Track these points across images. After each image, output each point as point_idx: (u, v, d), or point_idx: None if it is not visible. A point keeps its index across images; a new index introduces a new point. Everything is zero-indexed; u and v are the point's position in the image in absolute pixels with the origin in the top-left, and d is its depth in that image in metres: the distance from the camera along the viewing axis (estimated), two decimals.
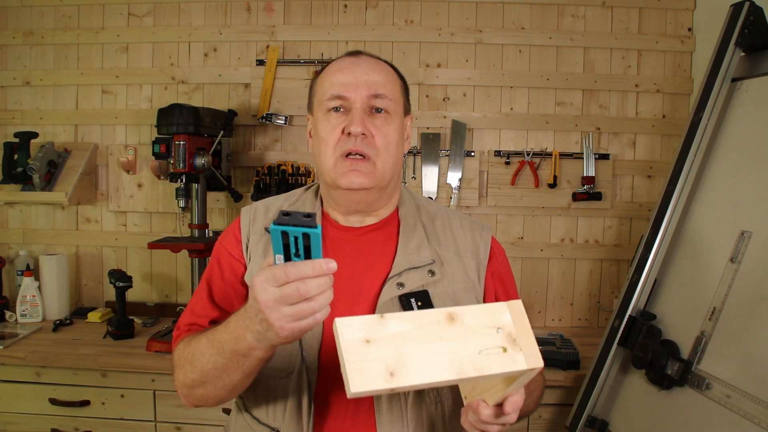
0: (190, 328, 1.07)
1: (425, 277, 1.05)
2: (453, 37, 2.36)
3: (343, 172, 1.02)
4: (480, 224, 1.17)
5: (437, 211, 1.16)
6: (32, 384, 1.92)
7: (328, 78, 1.06)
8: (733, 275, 1.39)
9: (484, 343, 0.75)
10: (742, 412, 1.26)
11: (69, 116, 2.47)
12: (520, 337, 0.76)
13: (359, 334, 0.70)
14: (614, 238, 2.38)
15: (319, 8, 2.38)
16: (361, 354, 0.69)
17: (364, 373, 0.68)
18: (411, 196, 1.18)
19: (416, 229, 1.10)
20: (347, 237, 1.10)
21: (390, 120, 1.05)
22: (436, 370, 0.71)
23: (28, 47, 2.46)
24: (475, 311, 0.76)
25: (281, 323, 0.75)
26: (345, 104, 1.03)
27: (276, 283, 0.73)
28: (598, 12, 2.35)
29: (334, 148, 1.03)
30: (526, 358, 0.75)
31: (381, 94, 1.03)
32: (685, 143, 1.62)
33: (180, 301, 2.46)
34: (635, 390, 1.57)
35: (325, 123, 1.04)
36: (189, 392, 1.00)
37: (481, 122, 2.37)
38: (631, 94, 2.36)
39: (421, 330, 0.73)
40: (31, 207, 2.48)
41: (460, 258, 1.10)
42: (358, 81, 1.03)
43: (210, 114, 2.16)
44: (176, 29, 2.42)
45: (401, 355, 0.70)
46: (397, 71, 1.12)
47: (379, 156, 1.03)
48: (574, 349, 1.95)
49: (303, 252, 0.73)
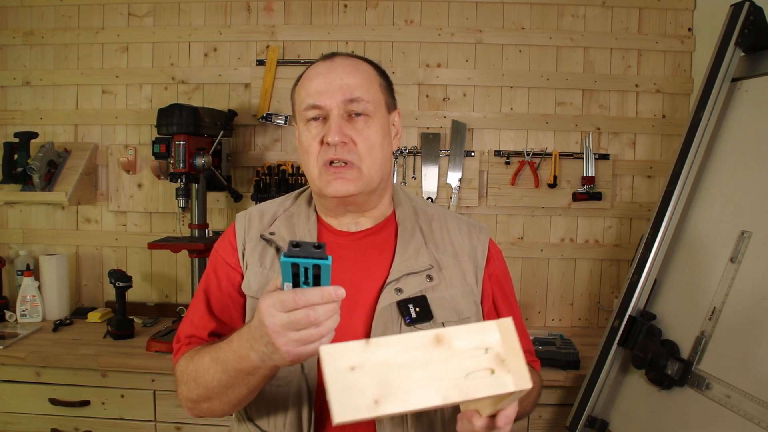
0: (190, 341, 1.07)
1: (423, 283, 1.04)
2: (453, 37, 2.36)
3: (327, 181, 1.01)
4: (478, 226, 1.16)
5: (434, 214, 1.14)
6: (32, 384, 1.92)
7: (304, 86, 1.04)
8: (733, 275, 1.39)
9: (471, 365, 0.73)
10: (742, 412, 1.26)
11: (69, 116, 2.47)
12: (508, 357, 0.75)
13: (344, 362, 0.70)
14: (614, 238, 2.38)
15: (319, 8, 2.38)
16: (345, 382, 0.69)
17: (348, 402, 0.68)
18: (408, 198, 1.17)
19: (414, 234, 1.09)
20: (344, 242, 1.08)
21: (370, 122, 1.02)
22: (422, 396, 0.71)
23: (28, 47, 2.46)
24: (463, 332, 0.75)
25: (288, 347, 0.76)
26: (322, 112, 1.01)
27: (283, 309, 0.74)
28: (598, 12, 2.35)
29: (316, 157, 1.01)
30: (514, 379, 0.74)
31: (357, 97, 1.00)
32: (685, 143, 1.62)
33: (180, 301, 2.46)
34: (635, 390, 1.57)
35: (306, 133, 1.03)
36: (194, 406, 1.00)
37: (481, 122, 2.37)
38: (631, 94, 2.36)
39: (408, 354, 0.72)
40: (31, 207, 2.48)
41: (458, 262, 1.09)
42: (332, 86, 1.00)
43: (210, 114, 2.16)
44: (176, 29, 2.42)
45: (386, 382, 0.70)
46: (376, 67, 1.09)
47: (363, 161, 1.01)
48: (574, 349, 1.94)
49: (312, 280, 0.74)
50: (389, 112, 1.09)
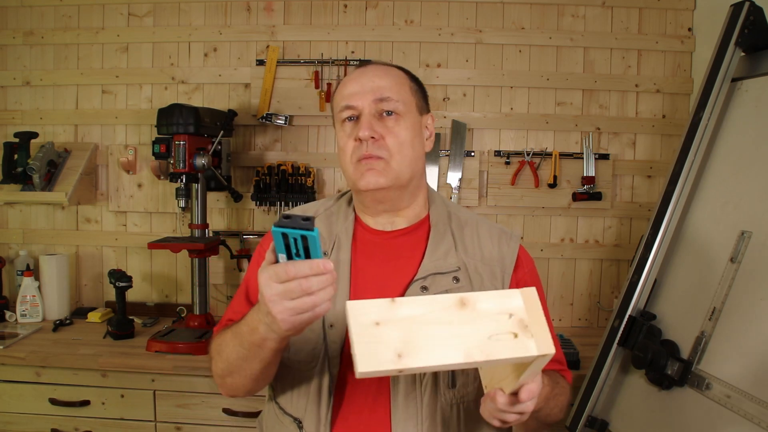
0: (227, 324, 1.11)
1: (450, 283, 1.07)
2: (453, 37, 2.36)
3: (361, 174, 1.07)
4: (508, 233, 1.18)
5: (468, 219, 1.18)
6: (32, 384, 1.92)
7: (339, 91, 1.13)
8: (733, 275, 1.39)
9: (494, 328, 0.75)
10: (742, 412, 1.26)
11: (69, 116, 2.47)
12: (532, 323, 0.76)
13: (369, 316, 0.72)
14: (614, 238, 2.38)
15: (319, 8, 2.38)
16: (369, 335, 0.71)
17: (371, 354, 0.70)
18: (443, 201, 1.21)
19: (445, 236, 1.13)
20: (378, 240, 1.14)
21: (400, 120, 1.08)
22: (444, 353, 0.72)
23: (28, 47, 2.46)
24: (487, 296, 0.77)
25: (283, 316, 0.80)
26: (355, 113, 1.09)
27: (278, 280, 0.79)
28: (598, 12, 2.35)
29: (350, 155, 1.08)
30: (537, 344, 0.75)
31: (387, 97, 1.07)
32: (685, 143, 1.62)
33: (180, 301, 2.46)
34: (635, 390, 1.57)
35: (342, 133, 1.11)
36: (222, 382, 1.07)
37: (481, 122, 2.37)
38: (631, 94, 2.36)
39: (432, 314, 0.74)
40: (31, 207, 2.48)
41: (486, 266, 1.12)
42: (364, 88, 1.08)
43: (210, 114, 2.16)
44: (176, 29, 2.42)
45: (410, 338, 0.72)
46: (408, 73, 1.16)
47: (393, 156, 1.06)
48: (574, 349, 1.94)
49: (303, 252, 0.78)
50: (421, 114, 1.15)
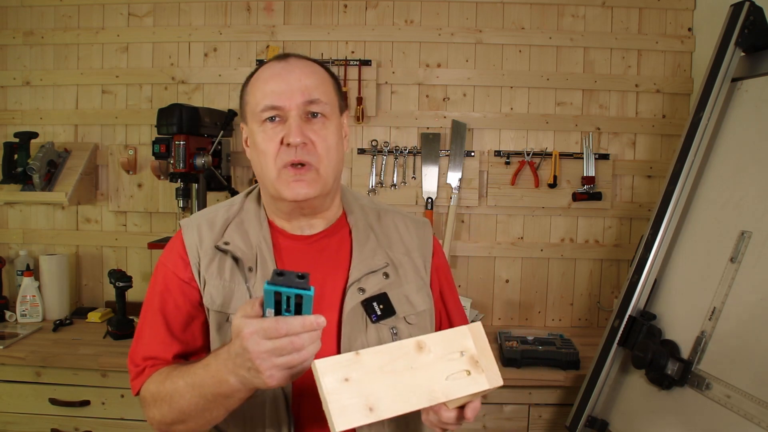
0: (154, 363, 1.04)
1: (382, 281, 1.07)
2: (453, 37, 2.36)
3: (287, 183, 1.00)
4: (421, 221, 1.21)
5: (379, 210, 1.18)
6: (32, 384, 1.92)
7: (260, 87, 1.02)
8: (733, 275, 1.39)
9: (450, 368, 0.82)
10: (742, 412, 1.26)
11: (69, 116, 2.46)
12: (481, 358, 0.84)
13: (338, 374, 0.75)
14: (614, 238, 2.38)
15: (319, 8, 2.38)
16: (341, 393, 0.74)
17: (345, 412, 0.74)
18: (354, 197, 1.19)
19: (368, 234, 1.12)
20: (300, 246, 1.09)
21: (327, 123, 1.02)
22: (410, 399, 0.78)
23: (28, 47, 2.46)
24: (440, 338, 0.84)
25: (271, 372, 0.78)
26: (280, 113, 1.00)
27: (266, 337, 0.76)
28: (598, 12, 2.35)
29: (274, 159, 0.99)
30: (488, 378, 0.83)
31: (316, 98, 1.00)
32: (685, 143, 1.62)
33: None
34: (635, 390, 1.57)
35: (262, 134, 1.01)
36: (167, 428, 1.00)
37: (481, 122, 2.37)
38: (631, 94, 2.36)
39: (394, 362, 0.79)
40: (31, 207, 2.48)
41: (409, 257, 1.13)
42: (291, 88, 0.99)
43: (210, 114, 2.16)
44: (176, 29, 2.42)
45: (378, 390, 0.77)
46: (328, 70, 1.09)
47: (322, 162, 1.01)
48: (574, 349, 1.94)
49: (294, 308, 0.76)
50: (341, 113, 1.09)
